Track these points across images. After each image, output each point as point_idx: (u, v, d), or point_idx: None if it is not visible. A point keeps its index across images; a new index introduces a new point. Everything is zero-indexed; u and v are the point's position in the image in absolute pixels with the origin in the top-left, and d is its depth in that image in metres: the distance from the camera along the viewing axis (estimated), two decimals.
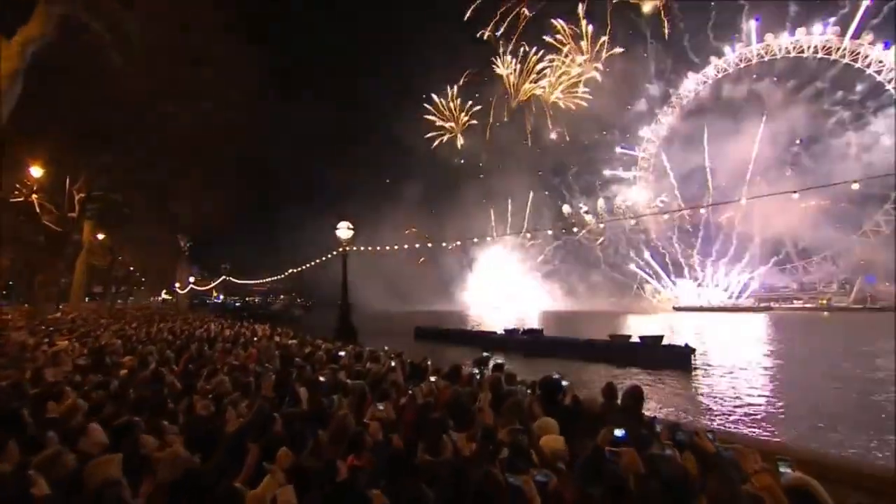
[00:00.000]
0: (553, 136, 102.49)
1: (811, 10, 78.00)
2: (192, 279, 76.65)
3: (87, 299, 49.87)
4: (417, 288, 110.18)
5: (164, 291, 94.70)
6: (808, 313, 66.13)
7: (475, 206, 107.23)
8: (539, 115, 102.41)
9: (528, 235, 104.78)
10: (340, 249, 11.78)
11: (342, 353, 6.68)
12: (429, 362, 6.26)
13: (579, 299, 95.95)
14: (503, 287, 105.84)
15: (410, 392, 4.07)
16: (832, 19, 76.06)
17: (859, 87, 76.67)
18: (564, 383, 4.08)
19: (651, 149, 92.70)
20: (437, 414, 3.47)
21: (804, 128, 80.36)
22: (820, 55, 77.97)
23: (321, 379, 5.19)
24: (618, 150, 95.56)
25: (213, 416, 3.92)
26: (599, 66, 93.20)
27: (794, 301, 77.27)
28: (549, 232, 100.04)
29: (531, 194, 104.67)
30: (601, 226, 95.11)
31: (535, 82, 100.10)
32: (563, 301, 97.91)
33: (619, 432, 2.75)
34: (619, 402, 3.79)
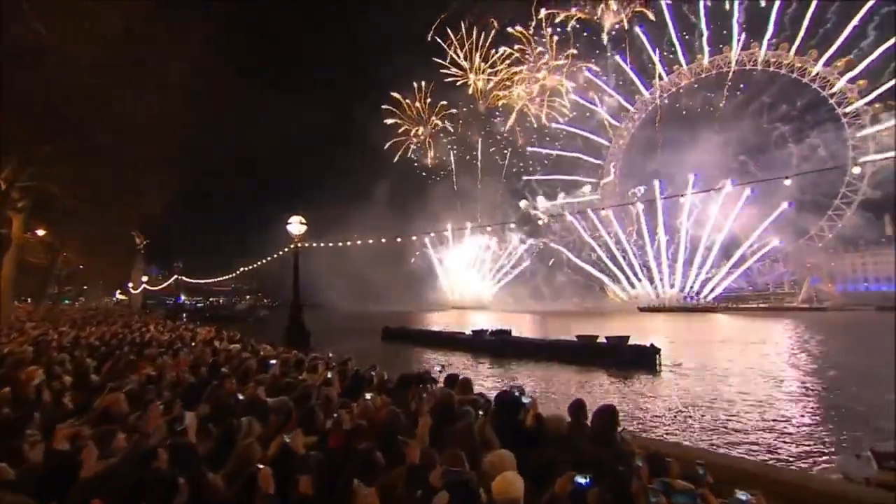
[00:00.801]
0: (519, 141, 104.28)
1: (761, 27, 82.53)
2: (145, 279, 72.23)
3: (18, 301, 45.75)
4: (387, 288, 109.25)
5: (119, 292, 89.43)
6: (763, 313, 69.37)
7: (443, 207, 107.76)
8: (506, 120, 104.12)
9: (496, 239, 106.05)
10: (292, 246, 10.74)
11: (273, 362, 5.77)
12: (373, 371, 5.42)
13: (544, 300, 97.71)
14: (471, 288, 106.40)
15: (336, 414, 3.30)
16: (772, 39, 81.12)
17: (800, 102, 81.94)
18: (526, 400, 3.44)
19: (615, 153, 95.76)
20: (366, 444, 2.74)
21: (751, 138, 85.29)
22: (772, 69, 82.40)
23: (240, 396, 4.35)
24: (580, 155, 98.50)
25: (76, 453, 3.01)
26: (563, 79, 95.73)
27: (750, 301, 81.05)
28: (512, 225, 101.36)
29: (498, 194, 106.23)
30: (561, 220, 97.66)
31: (503, 89, 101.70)
32: (529, 302, 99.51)
33: (581, 479, 2.13)
34: (588, 422, 3.20)
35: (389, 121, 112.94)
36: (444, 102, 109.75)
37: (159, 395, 4.80)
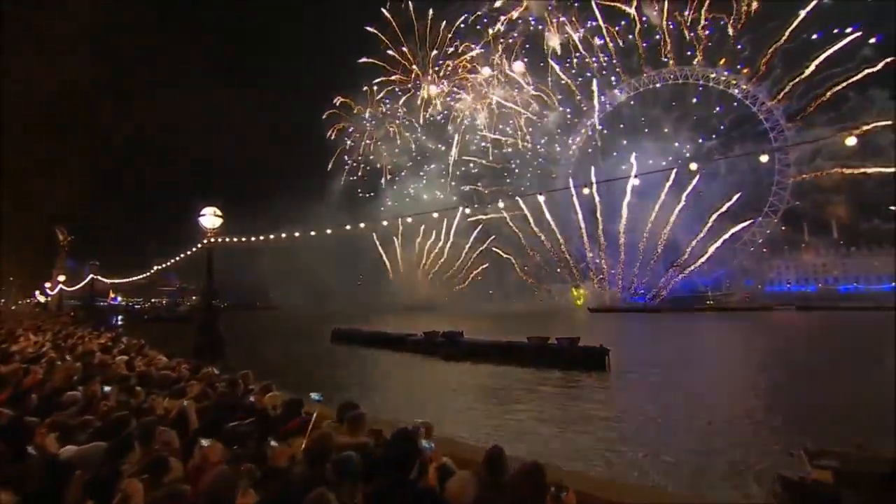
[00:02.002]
0: (472, 147, 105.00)
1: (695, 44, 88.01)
2: (61, 278, 65.14)
3: None
4: (339, 288, 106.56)
5: (38, 293, 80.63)
6: (700, 313, 73.53)
7: (392, 208, 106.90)
8: (454, 127, 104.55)
9: (449, 244, 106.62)
10: (205, 241, 9.21)
11: (107, 388, 4.39)
12: (251, 390, 4.24)
13: (494, 302, 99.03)
14: (423, 289, 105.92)
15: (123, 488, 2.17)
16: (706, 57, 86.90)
17: (731, 117, 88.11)
18: (425, 444, 2.47)
19: (564, 161, 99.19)
20: None
21: (685, 149, 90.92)
22: (715, 85, 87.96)
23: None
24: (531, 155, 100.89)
25: None
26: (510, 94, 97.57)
27: (691, 302, 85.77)
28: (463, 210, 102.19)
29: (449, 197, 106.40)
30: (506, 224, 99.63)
31: (451, 94, 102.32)
32: (479, 303, 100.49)
33: None
34: (506, 478, 2.29)
35: (338, 125, 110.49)
36: (388, 103, 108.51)
37: None
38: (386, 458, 2.38)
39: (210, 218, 9.02)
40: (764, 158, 73.03)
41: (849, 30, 74.54)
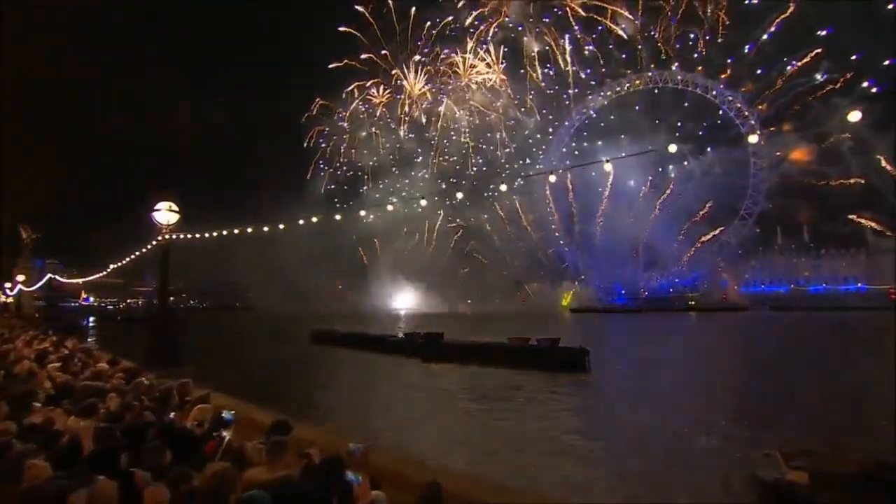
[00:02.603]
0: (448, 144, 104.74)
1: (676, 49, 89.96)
2: (21, 277, 61.96)
3: None
4: (319, 289, 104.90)
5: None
6: (681, 314, 74.90)
7: (371, 207, 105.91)
8: (440, 124, 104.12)
9: (431, 244, 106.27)
10: (160, 238, 8.48)
11: None
12: (177, 392, 3.64)
13: (473, 302, 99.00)
14: (401, 290, 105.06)
15: None
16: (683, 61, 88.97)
17: (706, 122, 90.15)
18: (351, 478, 1.97)
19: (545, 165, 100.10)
20: None
21: (658, 153, 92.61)
22: (684, 87, 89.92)
23: None
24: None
25: None
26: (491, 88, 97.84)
27: (671, 302, 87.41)
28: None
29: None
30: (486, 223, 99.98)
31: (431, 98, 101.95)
32: (460, 303, 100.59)
33: None
34: None
35: (318, 128, 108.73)
36: (367, 106, 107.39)
37: None
38: (298, 495, 1.87)
39: (165, 213, 8.30)
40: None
41: (823, 33, 77.15)
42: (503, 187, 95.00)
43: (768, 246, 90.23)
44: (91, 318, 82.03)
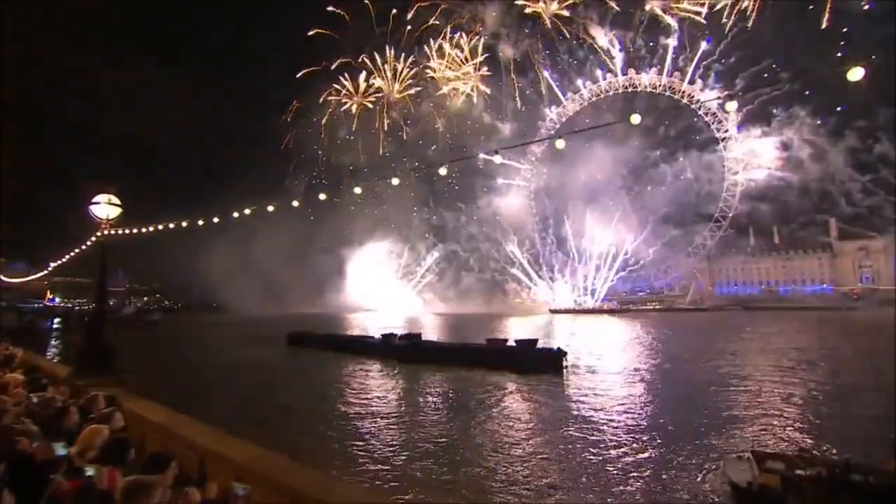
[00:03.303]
0: (427, 141, 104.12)
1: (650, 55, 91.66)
2: None
3: None
4: (295, 290, 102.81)
5: None
6: (658, 314, 76.14)
7: (348, 209, 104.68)
8: (418, 124, 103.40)
9: (407, 245, 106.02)
10: (98, 233, 7.79)
11: None
12: (81, 407, 3.01)
13: (451, 303, 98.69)
14: (379, 291, 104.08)
15: None
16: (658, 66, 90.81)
17: (680, 126, 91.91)
18: None
19: (525, 169, 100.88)
20: None
21: (635, 157, 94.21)
22: (664, 93, 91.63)
23: None
24: (496, 159, 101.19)
25: None
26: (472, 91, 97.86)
27: (648, 304, 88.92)
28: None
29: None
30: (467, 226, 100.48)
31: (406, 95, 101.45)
32: (438, 304, 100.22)
33: None
34: None
35: (294, 132, 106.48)
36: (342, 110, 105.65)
37: None
38: None
39: (104, 207, 7.60)
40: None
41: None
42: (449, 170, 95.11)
43: (741, 248, 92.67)
44: (56, 320, 78.41)
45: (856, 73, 4.81)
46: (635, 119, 11.78)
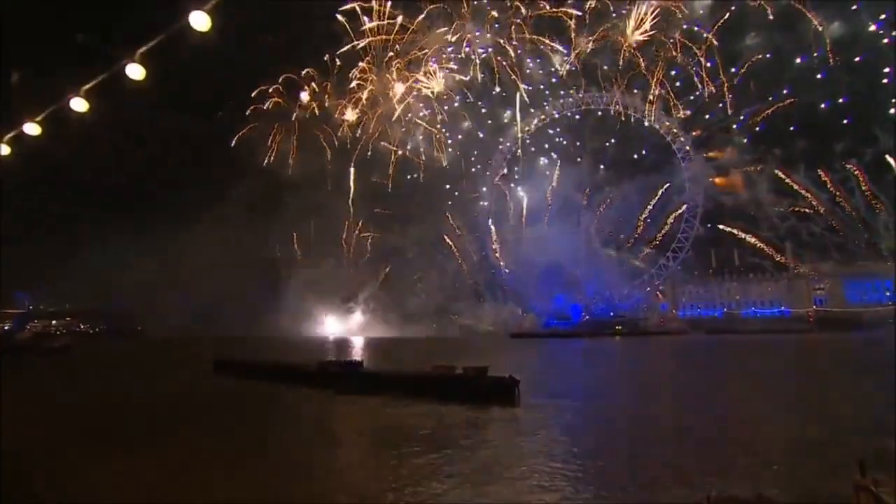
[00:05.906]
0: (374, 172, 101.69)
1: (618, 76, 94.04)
2: None
3: None
4: (226, 311, 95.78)
5: None
6: (622, 338, 74.88)
7: (297, 221, 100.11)
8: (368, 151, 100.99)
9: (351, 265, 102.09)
10: None
11: None
12: None
13: (393, 326, 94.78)
14: (319, 313, 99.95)
15: None
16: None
17: (640, 147, 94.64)
18: None
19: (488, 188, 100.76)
20: None
21: (594, 178, 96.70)
22: (631, 116, 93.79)
23: None
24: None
25: None
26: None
27: (611, 326, 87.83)
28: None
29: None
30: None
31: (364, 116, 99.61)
32: (380, 327, 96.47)
33: None
34: None
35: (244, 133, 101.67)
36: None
37: None
38: None
39: None
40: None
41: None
42: None
43: (703, 270, 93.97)
44: None
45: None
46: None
